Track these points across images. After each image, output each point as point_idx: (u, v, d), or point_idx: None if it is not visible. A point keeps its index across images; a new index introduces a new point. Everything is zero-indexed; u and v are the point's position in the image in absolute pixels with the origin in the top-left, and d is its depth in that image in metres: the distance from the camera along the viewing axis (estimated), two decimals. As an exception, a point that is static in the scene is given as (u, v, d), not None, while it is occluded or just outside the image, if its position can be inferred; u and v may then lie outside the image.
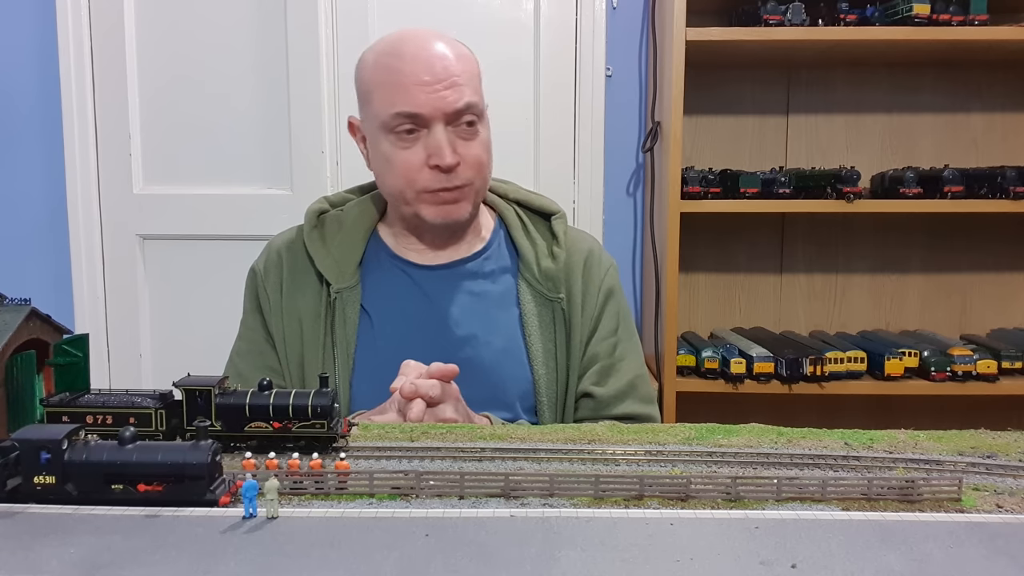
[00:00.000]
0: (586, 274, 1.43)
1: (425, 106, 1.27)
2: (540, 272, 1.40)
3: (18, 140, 2.53)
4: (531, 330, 1.38)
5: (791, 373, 2.17)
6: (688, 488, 0.80)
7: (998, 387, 2.20)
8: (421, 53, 1.29)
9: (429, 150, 1.29)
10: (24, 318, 0.90)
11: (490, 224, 1.48)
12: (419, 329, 1.36)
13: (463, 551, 0.68)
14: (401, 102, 1.28)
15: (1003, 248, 2.55)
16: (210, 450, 0.78)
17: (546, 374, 1.37)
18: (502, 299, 1.40)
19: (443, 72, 1.28)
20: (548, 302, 1.39)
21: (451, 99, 1.28)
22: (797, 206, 2.20)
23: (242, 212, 2.50)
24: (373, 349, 1.35)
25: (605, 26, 2.46)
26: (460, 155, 1.30)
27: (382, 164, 1.34)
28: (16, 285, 1.01)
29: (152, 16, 2.48)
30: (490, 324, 1.38)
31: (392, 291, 1.39)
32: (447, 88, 1.28)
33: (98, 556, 0.68)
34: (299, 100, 2.45)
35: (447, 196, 1.32)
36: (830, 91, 2.51)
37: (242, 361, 1.42)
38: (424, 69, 1.28)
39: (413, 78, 1.28)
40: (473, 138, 1.32)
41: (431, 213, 1.34)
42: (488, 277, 1.42)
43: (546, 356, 1.37)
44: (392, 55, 1.31)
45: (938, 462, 0.90)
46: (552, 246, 1.43)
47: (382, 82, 1.31)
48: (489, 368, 1.35)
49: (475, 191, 1.36)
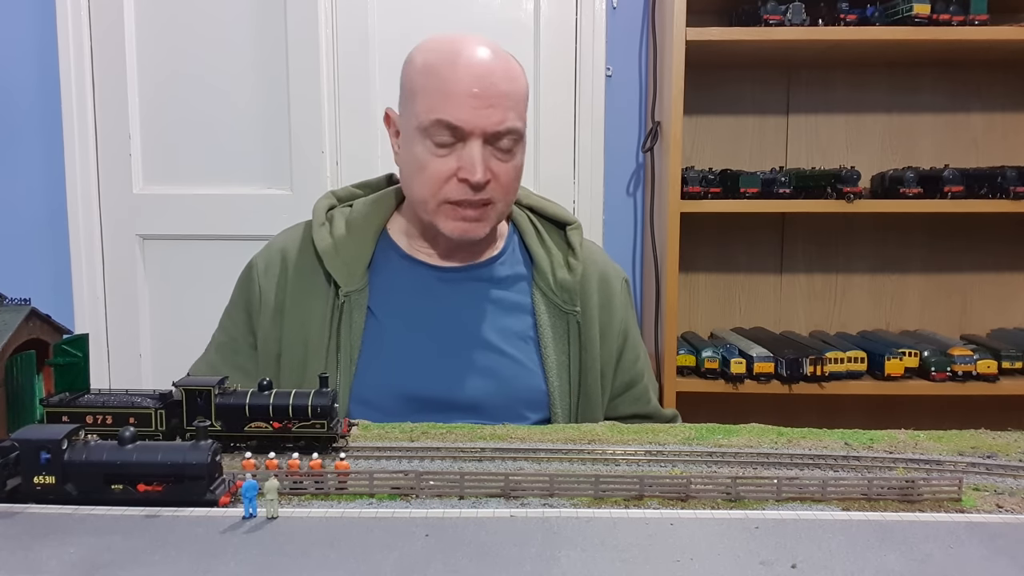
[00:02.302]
0: (603, 291, 1.42)
1: (468, 121, 1.24)
2: (556, 283, 1.38)
3: (18, 140, 2.52)
4: (546, 341, 1.36)
5: (791, 373, 2.17)
6: (688, 488, 0.80)
7: (998, 387, 2.20)
8: (473, 65, 1.25)
9: (461, 162, 1.26)
10: (24, 318, 0.90)
11: (504, 230, 1.46)
12: (429, 331, 1.34)
13: (463, 551, 0.68)
14: (443, 110, 1.25)
15: (1003, 248, 2.55)
16: (210, 450, 0.78)
17: (560, 386, 1.35)
18: (516, 307, 1.39)
19: (491, 88, 1.24)
20: (563, 314, 1.38)
21: (495, 119, 1.25)
22: (797, 206, 2.20)
23: (242, 212, 2.50)
24: (379, 352, 1.33)
25: (605, 26, 2.46)
26: (492, 173, 1.28)
27: (412, 166, 1.32)
28: (16, 285, 1.01)
29: (152, 16, 2.48)
30: (503, 331, 1.36)
31: (402, 292, 1.37)
32: (492, 106, 1.25)
33: (98, 556, 0.68)
34: (299, 100, 2.44)
35: (470, 213, 1.30)
36: (830, 91, 2.51)
37: (217, 353, 1.41)
38: (474, 82, 1.24)
39: (461, 88, 1.24)
40: (508, 160, 1.30)
41: (449, 227, 1.31)
42: (502, 284, 1.40)
43: (559, 368, 1.36)
44: (443, 61, 1.27)
45: (938, 462, 0.90)
46: (568, 257, 1.41)
47: (428, 86, 1.27)
48: (502, 376, 1.33)
49: (497, 212, 1.34)
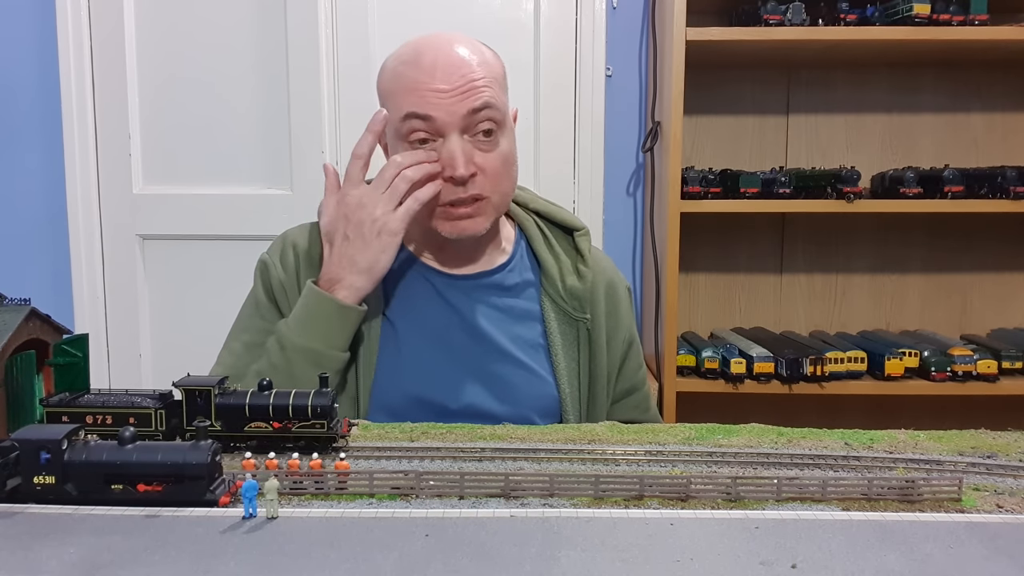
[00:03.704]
0: (611, 299, 1.41)
1: (438, 109, 1.21)
2: (565, 290, 1.37)
3: (18, 140, 2.52)
4: (556, 348, 1.35)
5: (791, 373, 2.17)
6: (688, 488, 0.80)
7: (998, 387, 2.20)
8: (439, 61, 1.23)
9: (443, 162, 1.24)
10: (24, 318, 0.90)
11: (511, 235, 1.44)
12: (442, 338, 1.32)
13: (463, 551, 0.68)
14: (412, 103, 1.23)
15: (1003, 248, 2.55)
16: (210, 450, 0.78)
17: (571, 392, 1.35)
18: (525, 314, 1.37)
19: (460, 79, 1.22)
20: (573, 321, 1.36)
21: (466, 104, 1.22)
22: (797, 206, 2.20)
23: (242, 212, 2.50)
24: (397, 357, 1.31)
25: (605, 26, 2.46)
26: (477, 165, 1.24)
27: None
28: (16, 285, 1.01)
29: (152, 16, 2.48)
30: (514, 339, 1.35)
31: (413, 298, 1.36)
32: (462, 93, 1.22)
33: (98, 556, 0.68)
34: (299, 100, 2.44)
35: (463, 211, 1.27)
36: (830, 91, 2.51)
37: (248, 354, 1.30)
38: (440, 78, 1.22)
39: (425, 82, 1.22)
40: (492, 149, 1.26)
41: (447, 229, 1.29)
42: (511, 291, 1.38)
43: (570, 375, 1.35)
44: (410, 63, 1.25)
45: (938, 462, 0.90)
46: (577, 263, 1.40)
47: (397, 88, 1.25)
48: (513, 383, 1.32)
49: (493, 206, 1.30)
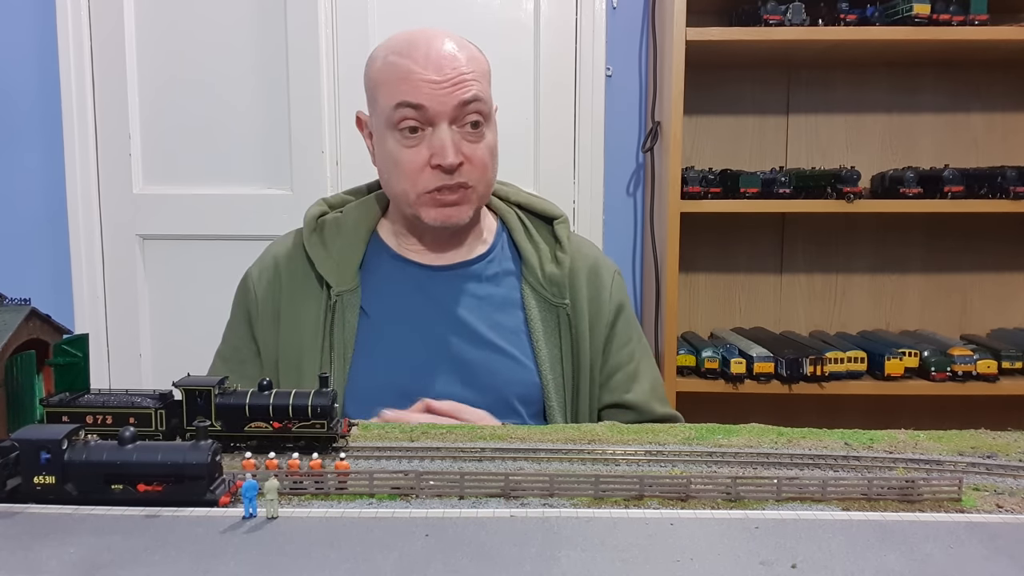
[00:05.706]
0: (593, 284, 1.43)
1: (430, 99, 1.26)
2: (544, 277, 1.39)
3: (18, 140, 2.52)
4: (537, 335, 1.37)
5: (791, 373, 2.17)
6: (688, 488, 0.80)
7: (998, 387, 2.20)
8: (431, 53, 1.28)
9: (432, 149, 1.28)
10: (24, 318, 0.90)
11: (492, 227, 1.48)
12: (421, 330, 1.36)
13: (463, 551, 0.68)
14: (404, 92, 1.27)
15: (1003, 248, 2.55)
16: (210, 450, 0.78)
17: (553, 379, 1.36)
18: (506, 303, 1.40)
19: (451, 71, 1.27)
20: (552, 307, 1.39)
21: (456, 95, 1.27)
22: (797, 206, 2.20)
23: (242, 212, 2.50)
24: (373, 350, 1.35)
25: (605, 26, 2.46)
26: (464, 155, 1.29)
27: (387, 162, 1.33)
28: (16, 285, 1.01)
29: (152, 16, 2.48)
30: (494, 327, 1.37)
31: (394, 291, 1.39)
32: (453, 85, 1.27)
33: (98, 556, 0.68)
34: (299, 100, 2.44)
35: (448, 198, 1.31)
36: (830, 91, 2.51)
37: (224, 366, 1.42)
38: (433, 69, 1.27)
39: (418, 72, 1.26)
40: (478, 140, 1.31)
41: (431, 216, 1.33)
42: (491, 280, 1.41)
43: (552, 361, 1.37)
44: (400, 54, 1.30)
45: (938, 462, 0.90)
46: (556, 251, 1.42)
47: (388, 78, 1.30)
48: (494, 372, 1.34)
49: (477, 195, 1.34)
